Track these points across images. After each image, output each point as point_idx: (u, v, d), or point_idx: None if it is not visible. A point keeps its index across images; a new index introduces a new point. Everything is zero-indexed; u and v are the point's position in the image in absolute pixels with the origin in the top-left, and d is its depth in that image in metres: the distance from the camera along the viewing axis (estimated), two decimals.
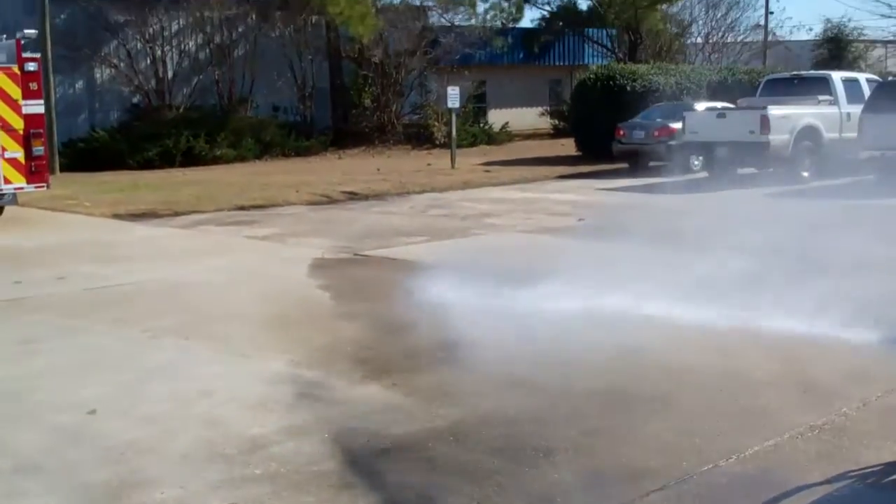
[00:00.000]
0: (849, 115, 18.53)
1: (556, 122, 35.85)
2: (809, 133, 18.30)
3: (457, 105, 23.18)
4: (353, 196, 17.35)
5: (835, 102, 18.98)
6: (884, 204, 13.63)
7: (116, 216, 14.59)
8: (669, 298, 7.28)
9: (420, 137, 30.82)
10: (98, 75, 28.25)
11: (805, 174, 17.99)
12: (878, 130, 16.48)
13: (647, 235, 10.43)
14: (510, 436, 4.76)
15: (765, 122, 17.72)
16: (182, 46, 29.19)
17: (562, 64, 38.83)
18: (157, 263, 10.25)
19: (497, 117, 34.44)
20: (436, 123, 30.38)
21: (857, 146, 17.13)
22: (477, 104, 34.24)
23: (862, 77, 20.34)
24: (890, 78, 21.45)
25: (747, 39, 42.38)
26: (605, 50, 38.00)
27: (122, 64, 27.88)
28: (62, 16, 25.66)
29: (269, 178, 20.31)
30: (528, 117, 36.16)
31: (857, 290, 7.36)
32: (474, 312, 6.99)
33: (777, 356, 5.97)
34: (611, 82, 25.05)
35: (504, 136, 32.72)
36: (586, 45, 38.62)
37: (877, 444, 4.55)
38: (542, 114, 37.00)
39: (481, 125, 33.09)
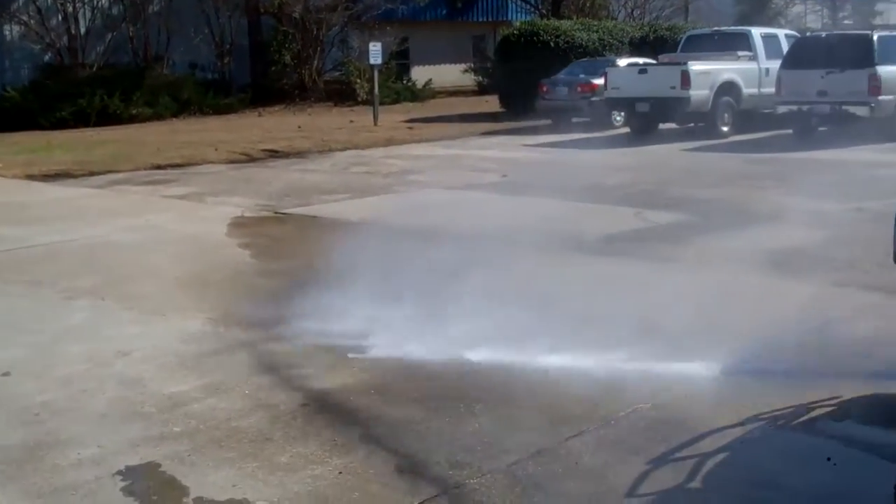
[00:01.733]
0: (768, 70, 18.78)
1: (480, 78, 35.69)
2: (729, 88, 18.53)
3: (379, 61, 22.96)
4: (273, 154, 17.12)
5: (754, 58, 19.23)
6: (801, 157, 14.01)
7: (29, 177, 14.22)
8: None
9: (342, 95, 30.46)
10: (7, 32, 27.31)
11: (725, 129, 18.23)
12: (795, 85, 16.79)
13: (568, 190, 10.56)
14: (431, 389, 4.78)
15: (685, 78, 17.89)
16: (95, 2, 28.36)
17: (485, 20, 38.68)
18: (71, 224, 10.01)
19: (420, 74, 34.20)
20: (358, 80, 30.00)
21: (775, 101, 17.45)
22: (400, 61, 33.91)
23: (781, 33, 20.64)
24: (808, 34, 21.82)
25: None
26: (528, 6, 37.93)
27: (31, 21, 26.97)
28: None
29: (187, 137, 19.92)
30: (452, 74, 35.97)
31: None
32: (394, 265, 6.93)
33: None
34: (534, 38, 25.06)
35: (427, 93, 32.52)
36: (510, 1, 38.53)
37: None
38: (466, 70, 36.82)
39: (404, 82, 32.82)
